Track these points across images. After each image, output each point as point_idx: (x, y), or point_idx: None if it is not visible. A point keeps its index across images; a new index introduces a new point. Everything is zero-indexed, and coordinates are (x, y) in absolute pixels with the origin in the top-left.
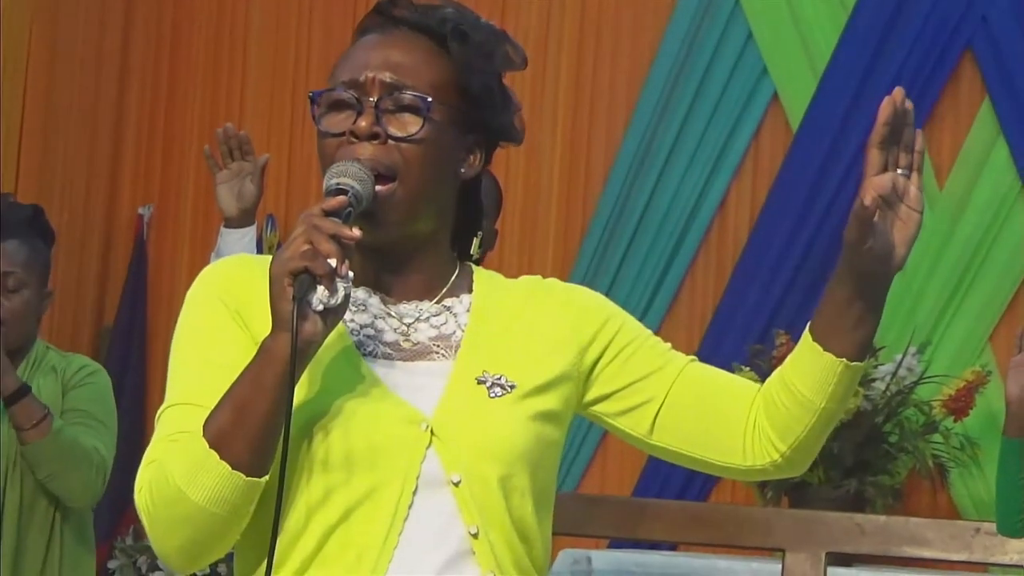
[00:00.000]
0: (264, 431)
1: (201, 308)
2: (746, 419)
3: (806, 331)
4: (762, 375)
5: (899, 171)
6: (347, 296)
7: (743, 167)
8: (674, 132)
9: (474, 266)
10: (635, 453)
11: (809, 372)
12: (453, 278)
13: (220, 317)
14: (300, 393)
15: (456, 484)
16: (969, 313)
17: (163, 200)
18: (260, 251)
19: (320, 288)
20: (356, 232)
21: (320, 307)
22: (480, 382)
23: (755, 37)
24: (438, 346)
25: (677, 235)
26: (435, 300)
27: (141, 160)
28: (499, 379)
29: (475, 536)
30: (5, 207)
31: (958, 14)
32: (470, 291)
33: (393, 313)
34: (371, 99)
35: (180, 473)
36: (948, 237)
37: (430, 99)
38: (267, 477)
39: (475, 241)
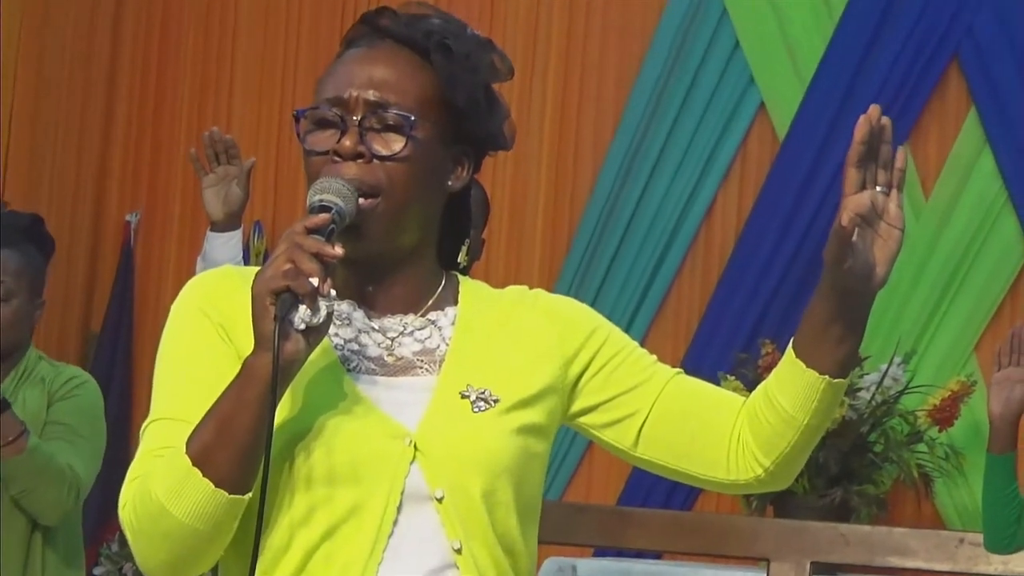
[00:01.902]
0: (247, 448)
1: (185, 322)
2: (730, 433)
3: (789, 347)
4: (748, 384)
5: (878, 188)
6: (330, 315)
7: (730, 176)
8: (661, 141)
9: (460, 276)
10: (621, 462)
11: (792, 388)
12: (439, 290)
13: (204, 331)
14: (283, 410)
15: (439, 500)
16: (954, 323)
17: (150, 207)
18: (247, 257)
19: (302, 307)
20: (339, 250)
21: (302, 326)
22: (464, 396)
23: (742, 46)
24: (422, 361)
25: (664, 243)
26: (420, 313)
27: (129, 167)
28: (483, 393)
29: (458, 551)
30: (4, 216)
31: (944, 23)
32: (455, 303)
33: (377, 327)
34: (355, 118)
35: (163, 489)
36: (934, 246)
37: (413, 117)
38: (251, 494)
39: (463, 249)
